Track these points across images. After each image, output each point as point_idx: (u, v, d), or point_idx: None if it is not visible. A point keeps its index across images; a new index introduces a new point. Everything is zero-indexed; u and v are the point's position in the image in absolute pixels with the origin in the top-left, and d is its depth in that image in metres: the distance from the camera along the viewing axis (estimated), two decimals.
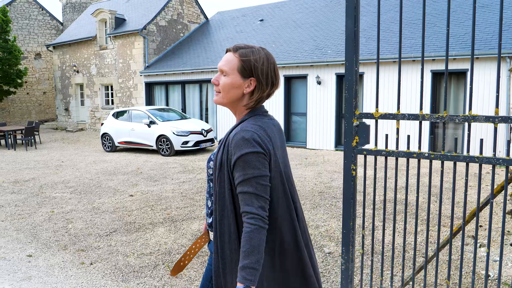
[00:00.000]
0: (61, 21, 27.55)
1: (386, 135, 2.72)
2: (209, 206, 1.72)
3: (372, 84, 12.19)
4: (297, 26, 16.39)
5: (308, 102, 13.38)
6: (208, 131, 12.56)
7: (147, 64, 17.89)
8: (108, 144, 13.48)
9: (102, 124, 13.83)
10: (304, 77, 13.47)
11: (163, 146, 12.14)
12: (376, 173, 2.65)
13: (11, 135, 15.21)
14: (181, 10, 19.54)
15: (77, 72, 20.72)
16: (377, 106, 2.50)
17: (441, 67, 10.88)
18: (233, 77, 1.59)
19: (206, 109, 16.57)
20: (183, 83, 16.93)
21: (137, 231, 5.31)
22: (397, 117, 2.41)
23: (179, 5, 19.41)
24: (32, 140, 15.33)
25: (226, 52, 1.64)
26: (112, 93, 19.63)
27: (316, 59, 13.04)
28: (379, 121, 11.06)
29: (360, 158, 9.65)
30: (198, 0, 20.36)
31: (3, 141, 16.29)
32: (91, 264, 4.27)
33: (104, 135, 13.56)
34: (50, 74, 26.44)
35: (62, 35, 22.10)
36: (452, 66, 10.65)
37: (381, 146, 10.12)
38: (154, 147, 12.44)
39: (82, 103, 21.18)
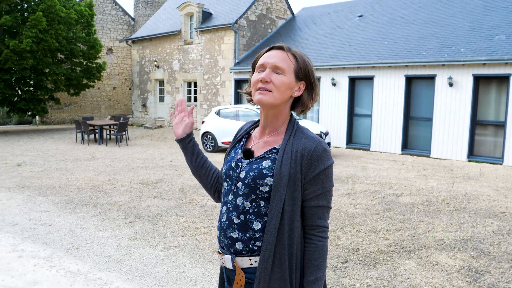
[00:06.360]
0: (133, 16, 27.25)
1: None
2: (255, 229, 1.42)
3: None
4: (407, 22, 14.91)
5: (435, 106, 11.90)
6: (326, 134, 11.31)
7: (237, 61, 16.90)
8: (210, 144, 12.48)
9: (202, 122, 12.85)
10: (431, 78, 11.99)
11: None
12: None
13: (104, 130, 14.57)
14: (270, 4, 18.47)
15: (158, 67, 20.05)
16: None
17: None
18: (289, 76, 1.44)
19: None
20: None
21: (376, 263, 4.12)
22: None
23: None
24: (123, 136, 14.62)
25: (273, 49, 1.47)
26: (195, 90, 18.78)
27: (448, 58, 11.55)
28: None
29: None
30: None
31: (91, 136, 15.70)
32: None
33: (206, 134, 12.58)
34: (120, 69, 26.13)
35: (142, 29, 21.53)
36: None
37: None
38: None
39: (161, 99, 20.48)
